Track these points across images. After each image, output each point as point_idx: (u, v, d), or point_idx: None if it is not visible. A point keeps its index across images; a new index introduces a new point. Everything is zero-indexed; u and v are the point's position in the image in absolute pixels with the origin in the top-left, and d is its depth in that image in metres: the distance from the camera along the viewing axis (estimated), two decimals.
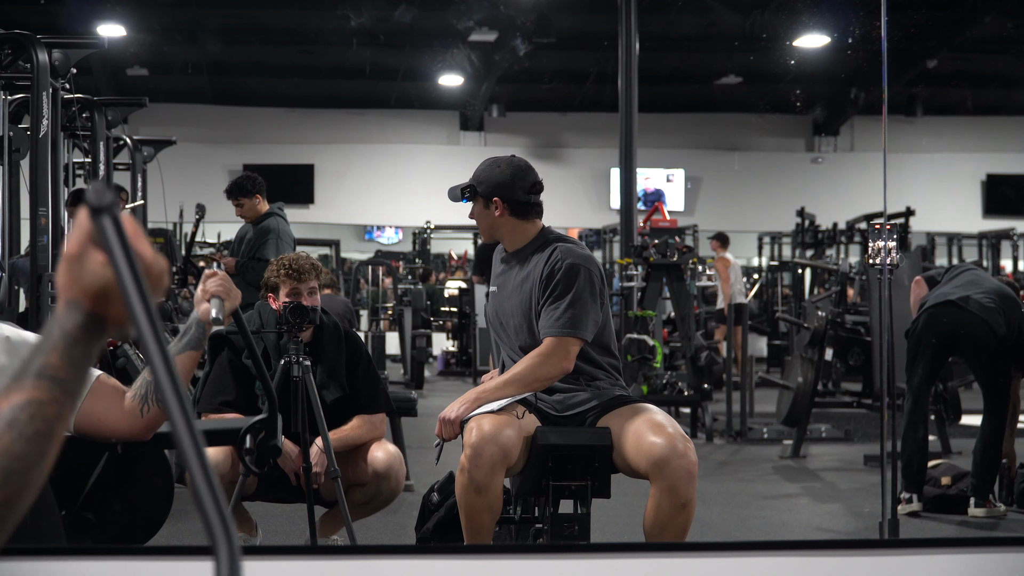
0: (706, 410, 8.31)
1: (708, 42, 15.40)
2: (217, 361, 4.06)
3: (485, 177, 3.60)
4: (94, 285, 1.11)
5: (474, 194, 3.61)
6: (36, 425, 1.09)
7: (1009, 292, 5.68)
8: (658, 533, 3.31)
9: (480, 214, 3.62)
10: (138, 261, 1.01)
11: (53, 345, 1.11)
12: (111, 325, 1.13)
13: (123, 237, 1.01)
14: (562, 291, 3.46)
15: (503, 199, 3.56)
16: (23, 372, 1.11)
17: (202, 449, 0.92)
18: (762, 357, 14.12)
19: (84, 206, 1.05)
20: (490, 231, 3.64)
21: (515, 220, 3.60)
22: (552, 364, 3.44)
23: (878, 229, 4.46)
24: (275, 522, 4.84)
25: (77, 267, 1.11)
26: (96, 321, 1.12)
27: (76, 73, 6.23)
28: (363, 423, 4.08)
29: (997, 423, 5.54)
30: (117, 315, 1.12)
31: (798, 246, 15.58)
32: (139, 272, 1.00)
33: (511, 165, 3.61)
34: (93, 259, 1.10)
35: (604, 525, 4.80)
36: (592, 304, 3.49)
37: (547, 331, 3.45)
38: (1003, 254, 17.09)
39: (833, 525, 5.55)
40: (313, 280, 4.06)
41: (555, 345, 3.44)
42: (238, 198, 6.98)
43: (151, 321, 0.97)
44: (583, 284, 3.47)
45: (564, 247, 3.55)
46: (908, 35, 13.75)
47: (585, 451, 3.44)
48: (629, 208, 9.70)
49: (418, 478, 5.75)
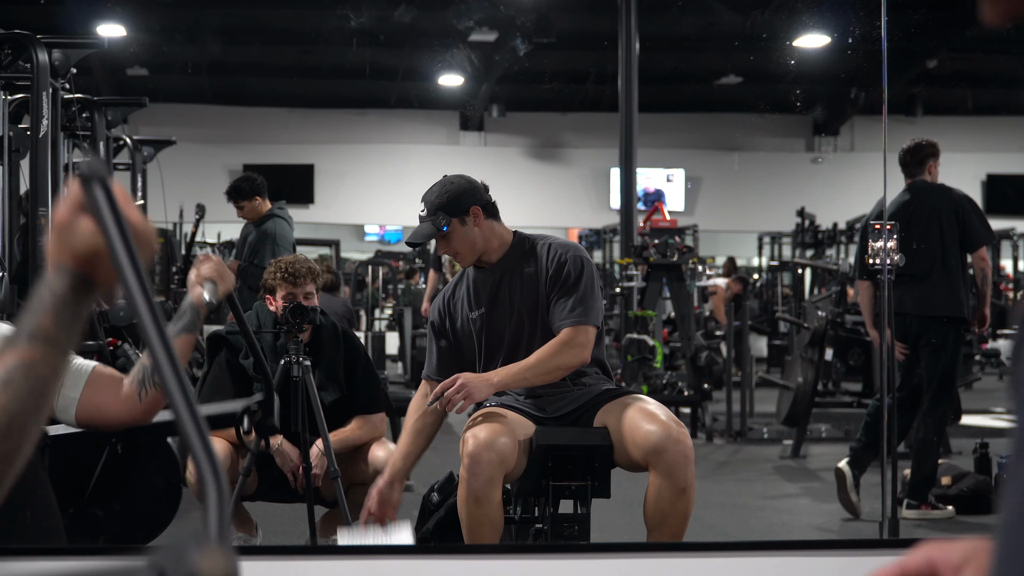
0: (706, 410, 8.31)
1: (708, 42, 15.39)
2: (215, 362, 4.06)
3: (448, 198, 3.49)
4: (83, 249, 1.14)
5: (448, 219, 3.48)
6: (31, 384, 1.13)
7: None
8: (660, 521, 3.32)
9: (460, 237, 3.49)
10: (127, 224, 1.03)
11: (44, 308, 1.15)
12: (100, 286, 1.17)
13: (113, 202, 1.03)
14: (574, 282, 3.45)
15: (480, 205, 3.50)
16: (16, 335, 1.15)
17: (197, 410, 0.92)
18: (762, 357, 14.12)
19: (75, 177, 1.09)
20: (473, 247, 3.51)
21: (493, 223, 3.55)
22: (573, 353, 3.41)
23: (878, 229, 4.46)
24: (275, 522, 4.84)
25: (67, 234, 1.14)
26: (84, 282, 1.16)
27: (76, 73, 6.22)
28: (363, 423, 4.09)
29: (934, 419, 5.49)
30: (106, 276, 1.16)
31: (798, 246, 15.57)
32: (128, 233, 1.02)
33: (458, 176, 3.57)
34: (82, 225, 1.14)
35: (604, 525, 4.79)
36: (598, 293, 3.51)
37: (563, 322, 3.43)
38: (1003, 254, 17.09)
39: (833, 525, 5.55)
40: (309, 284, 4.06)
41: (573, 334, 3.42)
42: (238, 201, 6.98)
43: (140, 282, 0.98)
44: (590, 274, 3.48)
45: (557, 242, 3.54)
46: (908, 35, 13.74)
47: (585, 451, 3.44)
48: (629, 208, 9.70)
49: (418, 478, 5.74)
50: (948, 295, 5.53)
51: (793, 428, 7.67)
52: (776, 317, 12.72)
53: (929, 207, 5.61)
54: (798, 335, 9.06)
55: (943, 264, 5.53)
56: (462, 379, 3.35)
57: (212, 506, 0.82)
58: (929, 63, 15.80)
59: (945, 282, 5.53)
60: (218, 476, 0.85)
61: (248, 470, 3.84)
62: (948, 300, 5.52)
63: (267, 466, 4.05)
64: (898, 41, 13.29)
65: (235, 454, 4.02)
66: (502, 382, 3.39)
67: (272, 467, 4.05)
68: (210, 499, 0.83)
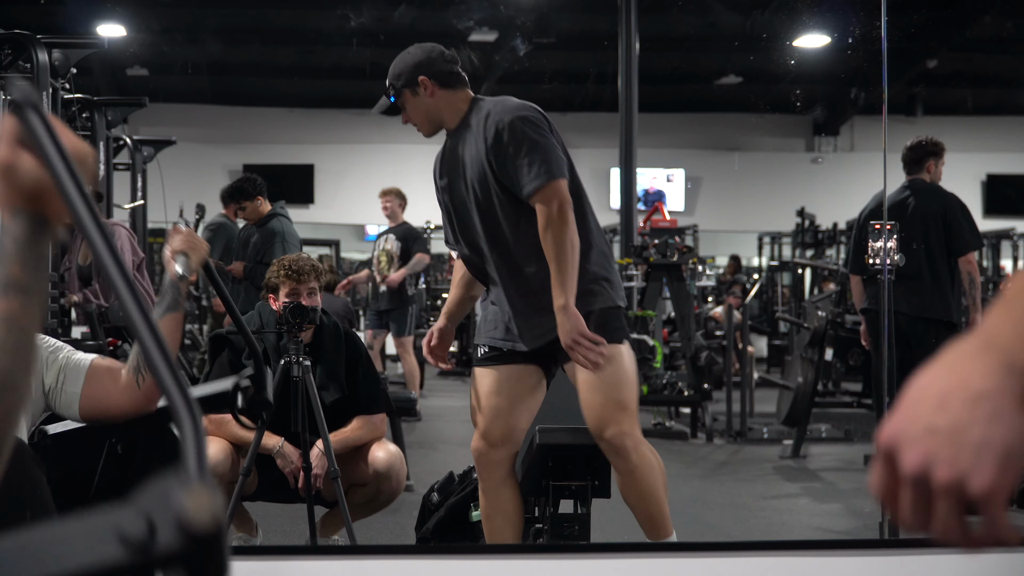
0: (706, 410, 8.31)
1: (708, 42, 15.39)
2: (217, 362, 4.07)
3: (400, 68, 3.49)
4: (31, 187, 1.12)
5: (399, 90, 3.48)
6: (16, 336, 1.12)
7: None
8: (630, 504, 3.35)
9: (413, 108, 3.49)
10: (67, 152, 1.01)
11: (10, 256, 1.14)
12: (54, 221, 1.15)
13: (51, 129, 1.02)
14: (515, 151, 3.32)
15: (429, 75, 3.46)
16: None
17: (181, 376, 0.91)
18: (762, 357, 14.12)
19: (8, 110, 1.07)
20: (428, 118, 3.49)
21: (447, 93, 3.48)
22: (560, 216, 3.26)
23: (878, 229, 4.46)
24: (275, 522, 4.83)
25: (12, 175, 1.12)
26: (40, 221, 1.14)
27: (76, 73, 6.22)
28: (363, 424, 4.09)
29: None
30: (57, 210, 1.14)
31: (798, 246, 15.57)
32: (71, 162, 1.00)
33: (418, 46, 3.53)
34: (24, 162, 1.12)
35: (604, 525, 4.79)
36: (548, 143, 3.35)
37: (527, 192, 3.30)
38: (1003, 254, 17.08)
39: (833, 525, 5.54)
40: (313, 281, 4.06)
41: (543, 198, 3.28)
42: (240, 202, 6.98)
43: (90, 208, 0.97)
44: (531, 134, 3.33)
45: (496, 108, 3.41)
46: (908, 35, 13.74)
47: (585, 451, 3.45)
48: (629, 208, 9.70)
49: (418, 478, 5.74)
50: (934, 297, 5.53)
51: (793, 428, 7.67)
52: (776, 317, 12.72)
53: (919, 208, 5.62)
54: (798, 335, 9.06)
55: (930, 266, 5.54)
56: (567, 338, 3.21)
57: (190, 444, 0.80)
58: (929, 63, 15.80)
59: (932, 284, 5.54)
60: (194, 414, 0.83)
61: (248, 470, 3.84)
62: (934, 302, 5.52)
63: (267, 466, 4.05)
64: (898, 41, 13.29)
65: (235, 454, 4.02)
66: (567, 303, 3.22)
67: (272, 467, 4.05)
68: (187, 437, 0.81)
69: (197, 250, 2.52)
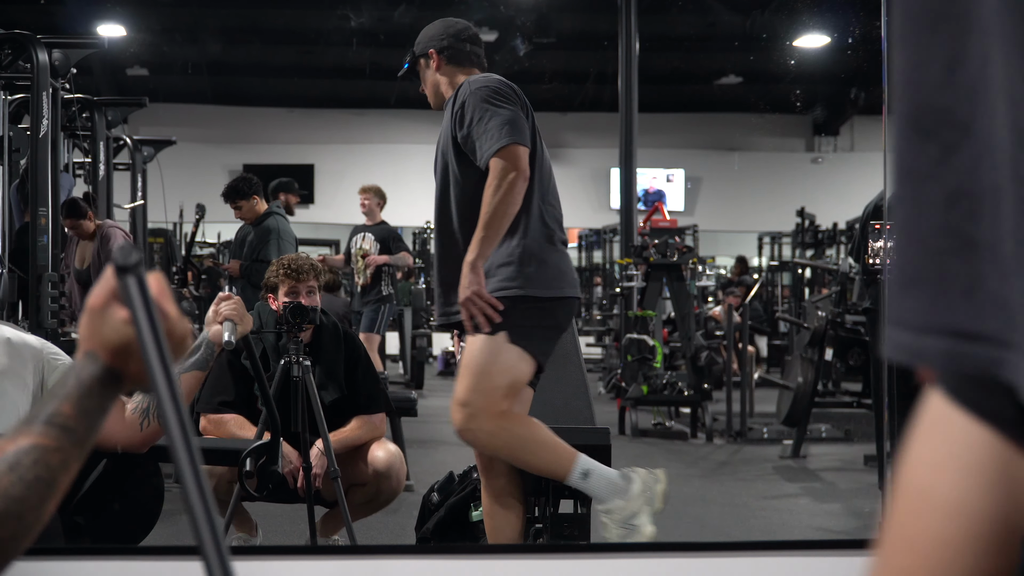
0: (706, 410, 8.31)
1: (708, 42, 15.39)
2: (216, 361, 4.05)
3: (420, 38, 3.55)
4: (114, 340, 1.10)
5: (414, 60, 3.53)
6: (38, 471, 1.09)
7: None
8: (523, 468, 3.38)
9: (423, 78, 3.54)
10: (161, 322, 1.00)
11: (67, 394, 1.11)
12: (128, 381, 1.13)
13: (147, 297, 1.00)
14: (472, 116, 3.29)
15: (437, 49, 3.49)
16: (34, 416, 1.11)
17: (200, 469, 0.92)
18: (762, 357, 14.12)
19: (111, 265, 1.05)
20: (433, 90, 3.53)
21: (452, 69, 3.49)
22: (510, 182, 3.20)
23: (878, 229, 4.46)
24: (275, 522, 4.83)
25: (99, 320, 1.10)
26: (113, 375, 1.12)
27: (76, 73, 6.22)
28: (363, 424, 4.08)
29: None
30: (136, 372, 1.11)
31: (798, 246, 15.57)
32: (160, 333, 0.99)
33: (443, 20, 3.56)
34: (115, 314, 1.10)
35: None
36: (511, 108, 3.30)
37: (486, 153, 3.25)
38: None
39: (833, 525, 5.54)
40: (312, 280, 4.06)
41: (499, 160, 3.22)
42: (236, 200, 6.98)
43: (170, 383, 0.95)
44: (488, 99, 3.30)
45: (465, 83, 3.39)
46: None
47: (585, 451, 3.44)
48: (629, 208, 9.69)
49: (418, 478, 5.74)
50: None
51: (793, 428, 7.67)
52: (776, 317, 12.72)
53: None
54: (798, 335, 9.06)
55: None
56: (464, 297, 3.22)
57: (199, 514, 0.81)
58: None
59: None
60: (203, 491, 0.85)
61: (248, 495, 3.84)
62: None
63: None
64: None
65: None
66: (476, 260, 3.20)
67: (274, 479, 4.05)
68: (196, 511, 0.83)
69: (244, 321, 2.56)
